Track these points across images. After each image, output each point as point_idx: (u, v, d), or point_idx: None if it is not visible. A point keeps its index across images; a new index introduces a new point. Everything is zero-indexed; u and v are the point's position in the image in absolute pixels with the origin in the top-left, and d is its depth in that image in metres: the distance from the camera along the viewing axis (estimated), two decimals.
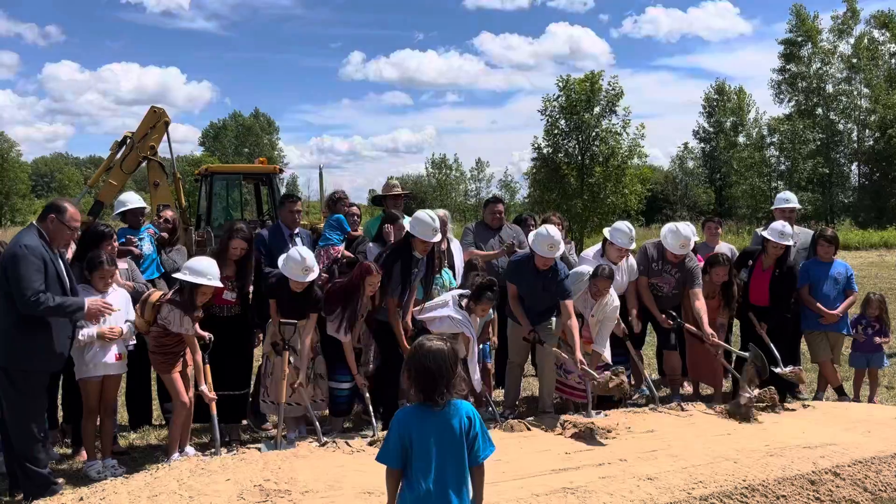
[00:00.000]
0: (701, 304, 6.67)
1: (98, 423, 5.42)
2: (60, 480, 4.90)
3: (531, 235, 6.36)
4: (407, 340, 5.74)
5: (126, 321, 5.38)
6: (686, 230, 6.81)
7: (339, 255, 6.61)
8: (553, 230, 6.12)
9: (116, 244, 5.75)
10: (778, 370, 6.60)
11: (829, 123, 46.16)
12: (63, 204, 4.88)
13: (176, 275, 5.41)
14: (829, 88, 46.85)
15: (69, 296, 4.78)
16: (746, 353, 6.60)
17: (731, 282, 6.92)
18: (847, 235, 32.20)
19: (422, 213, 5.98)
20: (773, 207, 7.92)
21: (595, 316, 6.38)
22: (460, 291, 6.14)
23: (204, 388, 5.28)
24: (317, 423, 5.51)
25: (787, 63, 47.58)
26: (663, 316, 6.72)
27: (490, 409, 6.06)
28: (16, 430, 4.69)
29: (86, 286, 5.19)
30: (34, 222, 4.85)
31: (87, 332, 5.12)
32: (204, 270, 5.26)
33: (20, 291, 4.48)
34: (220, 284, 5.37)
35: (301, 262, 5.50)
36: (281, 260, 5.69)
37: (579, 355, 5.93)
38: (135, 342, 5.66)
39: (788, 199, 7.83)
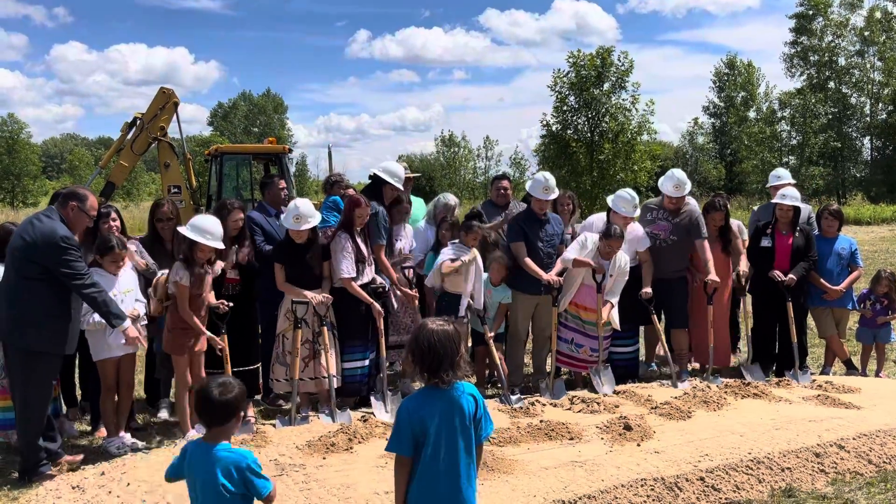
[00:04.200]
0: (707, 255, 6.88)
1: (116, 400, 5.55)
2: (59, 463, 5.02)
3: (528, 183, 6.84)
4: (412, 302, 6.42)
5: (137, 300, 5.48)
6: (680, 173, 7.09)
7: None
8: (548, 175, 6.65)
9: (115, 223, 5.80)
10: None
11: (841, 97, 45.57)
12: (84, 192, 5.01)
13: (179, 228, 5.50)
14: (842, 61, 46.22)
15: None
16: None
17: (728, 226, 7.07)
18: (859, 210, 32.00)
19: (394, 165, 6.56)
20: (768, 185, 7.95)
21: (613, 276, 6.51)
22: (452, 241, 6.46)
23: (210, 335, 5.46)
24: (296, 399, 5.70)
25: (798, 36, 46.94)
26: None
27: (503, 393, 6.12)
28: (19, 413, 4.84)
29: (98, 269, 5.26)
30: (54, 207, 4.94)
31: None
32: (205, 228, 5.33)
33: (75, 280, 4.71)
34: (218, 245, 5.40)
35: (295, 209, 5.80)
36: (283, 215, 6.04)
37: (546, 276, 6.41)
38: (145, 322, 5.75)
39: (780, 175, 7.87)
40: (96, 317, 5.12)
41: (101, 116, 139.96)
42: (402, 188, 6.44)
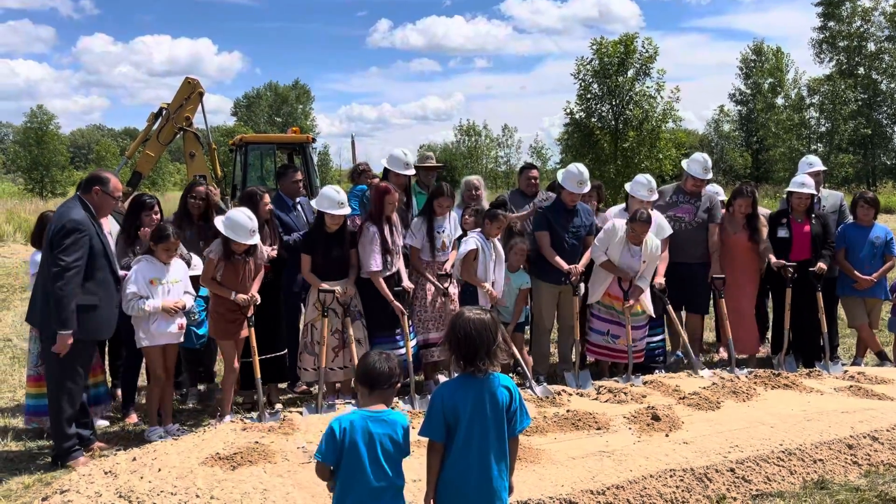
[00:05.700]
0: (715, 242, 6.92)
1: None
2: (91, 449, 5.10)
3: (560, 173, 6.77)
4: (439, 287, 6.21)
5: (185, 292, 5.51)
6: (705, 155, 7.15)
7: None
8: (582, 167, 6.63)
9: (157, 216, 5.86)
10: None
11: (871, 83, 44.67)
12: (105, 175, 5.03)
13: (218, 218, 5.53)
14: (871, 47, 45.29)
15: (115, 268, 5.02)
16: None
17: (755, 214, 6.96)
18: (890, 198, 31.36)
19: (396, 151, 6.47)
20: (799, 173, 7.75)
21: (645, 261, 6.46)
22: (473, 230, 6.42)
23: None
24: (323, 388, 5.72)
25: (826, 21, 46.06)
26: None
27: (528, 383, 6.10)
28: (53, 399, 4.90)
29: (149, 257, 5.32)
30: (78, 194, 4.98)
31: (152, 303, 5.22)
32: (238, 225, 5.34)
33: (56, 268, 4.64)
34: (251, 241, 5.41)
35: (337, 195, 5.78)
36: (315, 201, 6.03)
37: (567, 266, 6.44)
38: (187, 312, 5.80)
39: (812, 162, 7.68)
40: (143, 303, 5.17)
41: (127, 107, 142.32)
42: (408, 173, 6.42)
